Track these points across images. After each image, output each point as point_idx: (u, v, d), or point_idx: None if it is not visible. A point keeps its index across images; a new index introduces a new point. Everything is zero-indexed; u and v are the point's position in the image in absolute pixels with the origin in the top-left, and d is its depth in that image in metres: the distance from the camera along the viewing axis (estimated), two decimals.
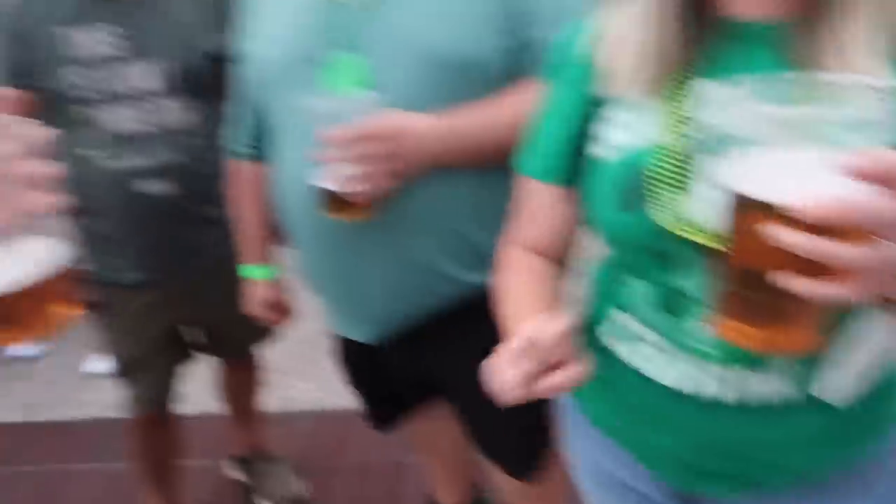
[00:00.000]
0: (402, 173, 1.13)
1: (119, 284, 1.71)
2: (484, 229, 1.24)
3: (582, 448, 1.03)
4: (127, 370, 1.85)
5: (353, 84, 1.16)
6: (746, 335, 0.53)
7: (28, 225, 0.63)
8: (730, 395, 0.77)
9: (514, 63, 1.17)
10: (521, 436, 1.49)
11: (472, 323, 1.30)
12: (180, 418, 1.99)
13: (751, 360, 0.75)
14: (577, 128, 0.83)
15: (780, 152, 0.48)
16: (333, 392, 2.68)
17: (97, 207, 1.61)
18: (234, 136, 1.48)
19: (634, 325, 0.83)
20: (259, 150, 1.42)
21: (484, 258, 1.26)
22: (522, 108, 1.03)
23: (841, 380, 0.76)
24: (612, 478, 0.98)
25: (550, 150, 0.88)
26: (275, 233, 1.52)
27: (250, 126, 1.41)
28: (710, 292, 0.56)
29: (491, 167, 1.20)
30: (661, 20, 0.70)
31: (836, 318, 0.71)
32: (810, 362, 0.75)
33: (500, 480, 1.63)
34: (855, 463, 0.82)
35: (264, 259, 1.57)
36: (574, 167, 0.84)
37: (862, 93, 0.49)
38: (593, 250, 0.92)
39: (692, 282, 0.74)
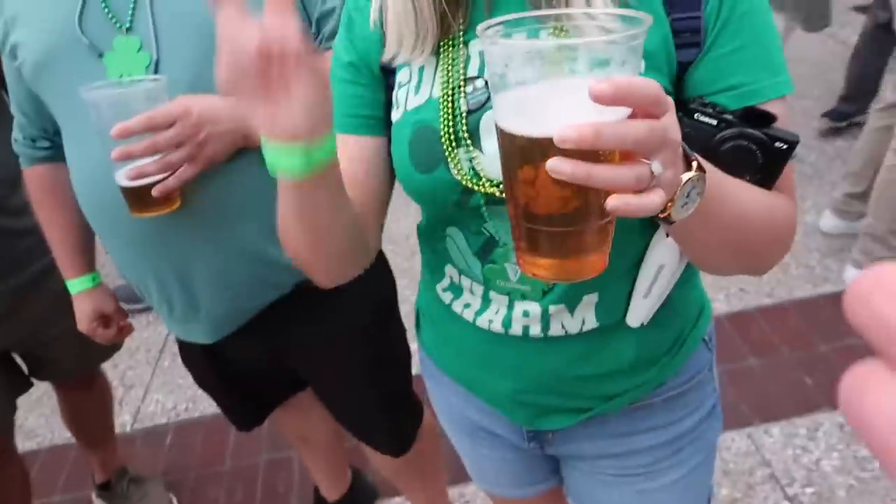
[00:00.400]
0: (202, 158, 1.05)
1: None
2: None
3: (442, 398, 1.06)
4: None
5: (137, 69, 1.06)
6: (540, 266, 0.56)
7: None
8: (549, 331, 0.83)
9: (311, 37, 1.12)
10: (390, 415, 1.47)
11: (315, 309, 1.25)
12: (38, 452, 1.78)
13: (564, 297, 0.80)
14: (365, 88, 0.83)
15: (535, 88, 0.50)
16: (191, 398, 2.57)
17: None
18: (21, 138, 1.32)
19: (457, 276, 0.87)
20: (53, 149, 1.28)
21: None
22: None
23: (637, 303, 0.82)
24: (473, 424, 1.03)
25: (349, 110, 0.86)
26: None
27: (37, 124, 1.26)
28: (510, 232, 0.59)
29: None
30: None
31: (626, 242, 0.78)
32: (614, 291, 0.81)
33: (376, 461, 1.62)
34: (669, 380, 0.90)
35: (85, 268, 1.43)
36: (370, 124, 0.84)
37: (601, 32, 0.54)
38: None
39: (498, 228, 0.78)
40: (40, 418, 2.60)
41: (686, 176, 0.54)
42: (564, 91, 0.48)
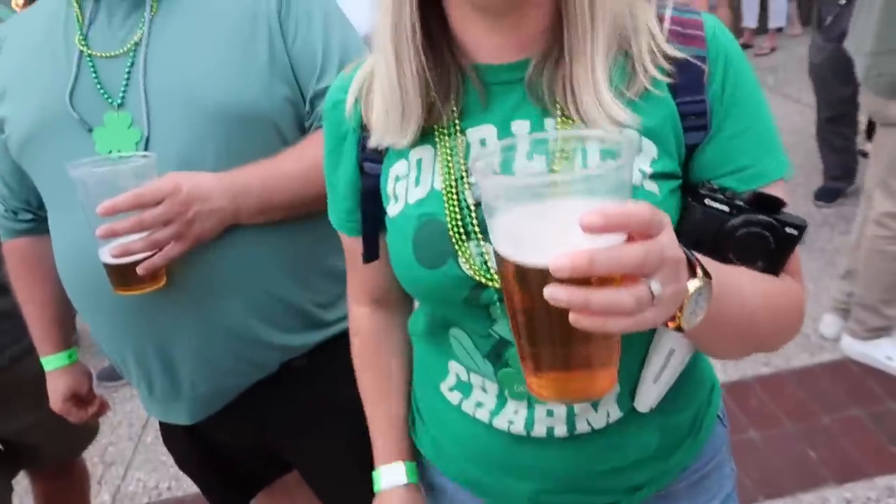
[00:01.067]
0: (190, 236, 1.02)
1: None
2: (304, 287, 1.14)
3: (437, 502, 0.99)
4: None
5: (127, 145, 1.04)
6: (545, 388, 0.54)
7: None
8: (567, 430, 0.79)
9: (305, 115, 1.11)
10: None
11: (302, 388, 1.20)
12: None
13: None
14: (358, 182, 0.81)
15: (528, 211, 0.49)
16: (174, 476, 2.47)
17: None
18: (3, 210, 1.29)
19: (466, 375, 0.83)
20: (35, 222, 1.26)
21: (305, 317, 1.16)
22: (314, 157, 0.96)
23: (646, 388, 0.79)
24: None
25: (340, 205, 0.85)
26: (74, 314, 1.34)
27: (20, 197, 1.24)
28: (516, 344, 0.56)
29: (304, 220, 1.11)
30: (400, 74, 0.71)
31: (634, 343, 0.75)
32: (634, 380, 0.79)
33: None
34: (692, 463, 0.87)
35: (62, 344, 1.37)
36: (370, 219, 0.82)
37: (598, 147, 0.53)
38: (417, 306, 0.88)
39: (508, 330, 0.74)
40: (14, 497, 2.48)
41: (692, 286, 0.54)
42: (557, 215, 0.48)
